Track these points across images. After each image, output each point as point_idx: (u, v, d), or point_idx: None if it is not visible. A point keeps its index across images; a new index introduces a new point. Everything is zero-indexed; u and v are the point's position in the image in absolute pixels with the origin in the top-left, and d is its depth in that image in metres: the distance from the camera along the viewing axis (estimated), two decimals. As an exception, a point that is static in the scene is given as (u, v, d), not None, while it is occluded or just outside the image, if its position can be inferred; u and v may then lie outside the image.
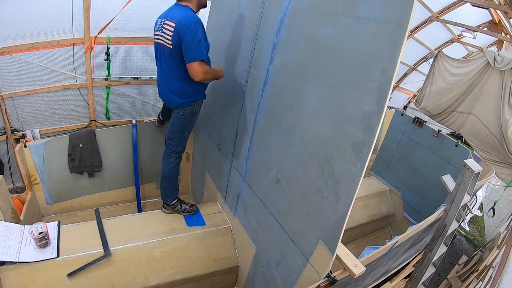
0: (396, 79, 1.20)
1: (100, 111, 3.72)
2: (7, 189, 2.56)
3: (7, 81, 3.01)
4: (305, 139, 1.73)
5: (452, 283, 3.67)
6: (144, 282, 2.24)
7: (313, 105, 1.65)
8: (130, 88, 3.72)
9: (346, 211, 1.45)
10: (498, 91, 4.37)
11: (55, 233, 2.24)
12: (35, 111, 3.33)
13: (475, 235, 5.82)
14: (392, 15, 1.20)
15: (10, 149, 3.31)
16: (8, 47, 2.82)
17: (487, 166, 3.86)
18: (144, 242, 2.39)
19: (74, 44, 3.10)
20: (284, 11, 1.83)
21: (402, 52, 1.16)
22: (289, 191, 1.90)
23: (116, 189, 3.61)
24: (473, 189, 2.32)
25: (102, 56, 3.29)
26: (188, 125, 2.53)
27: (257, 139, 2.25)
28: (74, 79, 3.34)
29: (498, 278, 1.97)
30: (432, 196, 3.83)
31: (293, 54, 1.81)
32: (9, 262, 1.93)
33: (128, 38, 3.31)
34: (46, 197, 3.19)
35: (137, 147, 3.47)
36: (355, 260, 1.66)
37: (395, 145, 4.51)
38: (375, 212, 4.29)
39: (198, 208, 2.84)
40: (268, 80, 2.04)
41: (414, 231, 2.49)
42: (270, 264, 2.18)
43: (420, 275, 2.69)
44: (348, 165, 1.44)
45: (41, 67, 3.08)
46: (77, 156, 3.23)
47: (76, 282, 2.05)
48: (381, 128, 1.31)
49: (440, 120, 5.26)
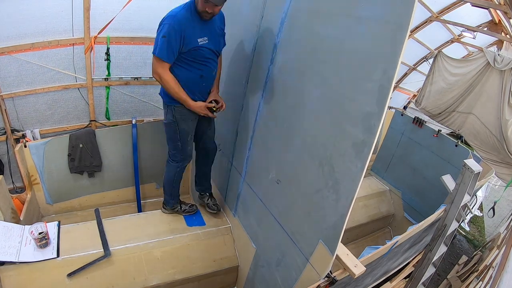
0: (396, 79, 1.20)
1: (100, 111, 3.72)
2: (7, 189, 2.56)
3: (7, 81, 3.01)
4: (306, 139, 1.73)
5: (452, 283, 3.67)
6: (144, 282, 2.25)
7: (313, 105, 1.65)
8: (130, 88, 3.72)
9: (346, 211, 1.45)
10: (498, 91, 4.37)
11: (55, 233, 2.24)
12: (35, 111, 3.32)
13: (475, 235, 5.82)
14: (393, 15, 1.20)
15: (10, 149, 3.31)
16: (8, 47, 2.82)
17: (487, 166, 3.86)
18: (144, 242, 2.39)
19: (74, 44, 3.10)
20: (285, 12, 1.83)
21: (403, 52, 1.16)
22: (289, 191, 1.90)
23: (116, 189, 3.61)
24: (473, 189, 2.32)
25: (102, 56, 3.29)
26: (175, 133, 2.30)
27: (257, 139, 2.25)
28: (74, 79, 3.33)
29: (498, 278, 1.98)
30: (432, 196, 3.84)
31: (294, 54, 1.81)
32: (9, 262, 1.93)
33: (128, 38, 3.31)
34: (46, 197, 3.19)
35: (137, 147, 3.47)
36: (355, 260, 1.66)
37: (395, 145, 4.51)
38: (375, 212, 4.29)
39: (198, 209, 2.83)
40: (268, 80, 2.04)
41: (414, 231, 2.49)
42: (270, 264, 2.18)
43: (420, 275, 2.69)
44: (349, 165, 1.44)
45: (41, 67, 3.08)
46: (77, 156, 3.23)
47: (76, 282, 2.05)
48: (381, 128, 1.31)
49: (440, 120, 5.26)
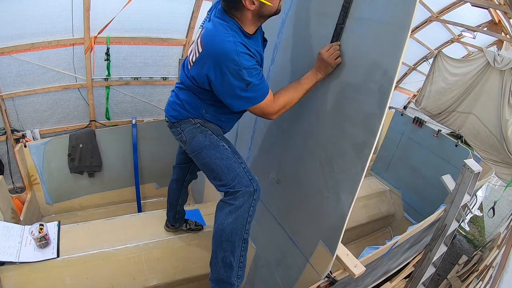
0: (396, 80, 1.20)
1: (100, 111, 3.72)
2: (7, 189, 2.57)
3: (7, 81, 3.01)
4: (306, 140, 1.73)
5: (452, 283, 3.68)
6: (144, 282, 2.24)
7: (314, 106, 1.65)
8: (130, 88, 3.72)
9: (346, 211, 1.45)
10: (498, 91, 4.37)
11: (55, 233, 2.24)
12: (35, 111, 3.33)
13: (475, 235, 5.83)
14: (394, 16, 1.20)
15: (10, 149, 3.31)
16: (8, 47, 2.82)
17: (487, 166, 3.86)
18: (144, 242, 2.39)
19: (74, 44, 3.10)
20: (286, 12, 1.83)
21: (404, 53, 1.16)
22: (289, 192, 1.90)
23: (116, 189, 3.61)
24: (473, 189, 2.32)
25: (102, 56, 3.29)
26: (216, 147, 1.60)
27: (257, 139, 2.25)
28: (74, 79, 3.34)
29: (498, 278, 1.98)
30: (432, 196, 3.83)
31: (295, 54, 1.81)
32: (9, 262, 1.93)
33: (128, 38, 3.31)
34: (46, 197, 3.19)
35: (137, 147, 3.47)
36: (355, 260, 1.66)
37: (395, 145, 4.51)
38: (375, 212, 4.29)
39: (203, 226, 2.63)
40: (269, 80, 2.04)
41: (414, 231, 2.49)
42: (270, 264, 2.18)
43: (420, 275, 2.69)
44: (349, 165, 1.44)
45: (41, 67, 3.08)
46: (77, 156, 3.23)
47: (76, 282, 2.05)
48: (381, 128, 1.31)
49: (440, 120, 5.26)
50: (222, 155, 1.51)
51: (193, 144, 1.58)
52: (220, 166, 1.49)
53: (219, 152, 1.52)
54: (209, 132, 1.57)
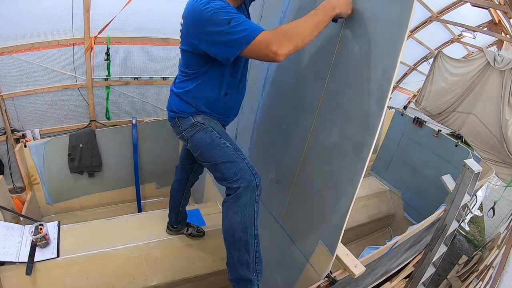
0: (396, 79, 1.19)
1: (100, 111, 3.72)
2: (7, 189, 2.57)
3: (7, 81, 3.01)
4: (305, 139, 1.73)
5: (452, 283, 3.67)
6: (144, 282, 2.24)
7: (313, 105, 1.65)
8: (130, 88, 3.72)
9: (346, 211, 1.45)
10: (498, 91, 4.37)
11: (55, 233, 2.24)
12: (35, 111, 3.33)
13: (475, 235, 5.82)
14: (392, 15, 1.20)
15: (10, 149, 3.31)
16: (8, 47, 2.82)
17: (487, 166, 3.87)
18: (144, 242, 2.39)
19: (74, 44, 3.10)
20: (284, 11, 1.83)
21: (402, 52, 1.16)
22: (289, 192, 1.90)
23: (116, 189, 3.62)
24: (473, 189, 2.32)
25: (102, 56, 3.29)
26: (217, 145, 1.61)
27: (257, 139, 2.25)
28: (74, 79, 3.34)
29: (498, 278, 1.98)
30: (432, 196, 3.83)
31: (293, 54, 1.81)
32: (9, 262, 1.93)
33: (128, 38, 3.31)
34: (46, 197, 3.19)
35: (137, 147, 3.47)
36: (355, 260, 1.66)
37: (395, 145, 4.51)
38: (375, 212, 4.29)
39: (204, 231, 2.60)
40: (267, 80, 2.04)
41: (414, 231, 2.49)
42: (270, 264, 2.18)
43: (420, 275, 2.69)
44: (348, 165, 1.44)
45: (41, 67, 3.08)
46: (77, 156, 3.23)
47: (76, 282, 2.06)
48: (381, 128, 1.31)
49: (440, 120, 5.25)
50: (224, 151, 1.51)
51: (194, 142, 1.59)
52: (223, 162, 1.49)
53: (221, 149, 1.52)
54: (210, 129, 1.57)
